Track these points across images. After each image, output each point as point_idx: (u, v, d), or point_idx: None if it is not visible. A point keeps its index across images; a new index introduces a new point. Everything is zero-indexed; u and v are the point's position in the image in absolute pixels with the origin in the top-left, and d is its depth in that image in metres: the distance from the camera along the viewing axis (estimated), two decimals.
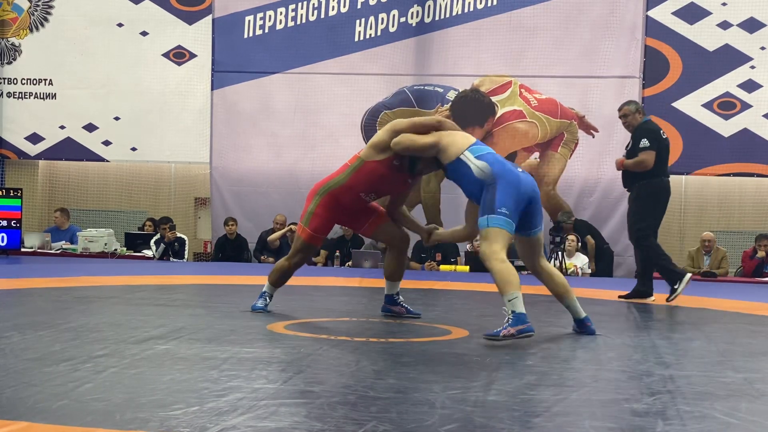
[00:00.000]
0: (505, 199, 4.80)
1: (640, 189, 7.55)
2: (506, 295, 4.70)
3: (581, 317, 5.18)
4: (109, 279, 8.11)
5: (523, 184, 4.89)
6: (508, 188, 4.83)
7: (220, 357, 4.08)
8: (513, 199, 4.82)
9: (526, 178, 4.95)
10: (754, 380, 3.89)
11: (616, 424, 3.00)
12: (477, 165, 4.93)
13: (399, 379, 3.72)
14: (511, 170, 4.93)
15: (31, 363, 3.81)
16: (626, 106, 7.75)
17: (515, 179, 4.88)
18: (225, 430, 2.77)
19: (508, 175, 4.88)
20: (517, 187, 4.85)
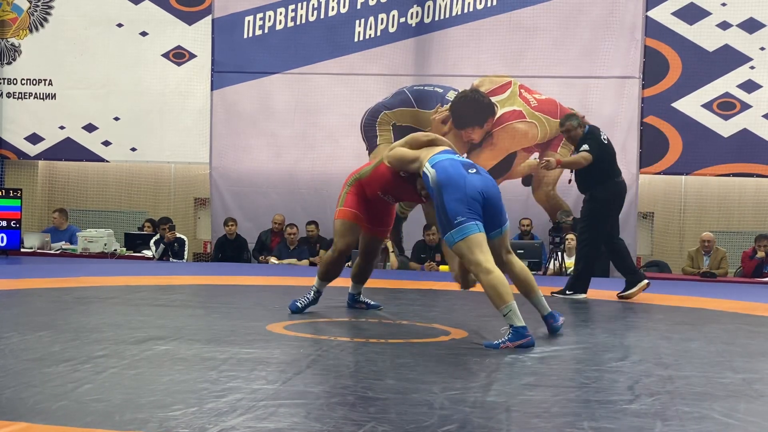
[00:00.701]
0: (454, 206, 4.75)
1: (595, 192, 7.71)
2: (500, 309, 4.66)
3: (545, 313, 5.20)
4: (108, 279, 8.11)
5: (469, 186, 4.79)
6: (453, 194, 4.77)
7: (220, 357, 4.08)
8: (463, 204, 4.75)
9: (474, 180, 4.84)
10: (753, 381, 3.90)
11: (614, 425, 3.00)
12: (430, 174, 4.95)
13: (398, 379, 3.72)
14: (454, 175, 4.84)
15: (30, 363, 3.81)
16: (568, 121, 7.80)
17: (459, 182, 4.80)
18: (224, 430, 2.77)
19: (452, 180, 4.81)
20: (462, 189, 4.77)
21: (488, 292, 4.67)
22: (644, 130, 12.37)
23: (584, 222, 7.80)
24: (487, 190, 4.86)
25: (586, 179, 7.73)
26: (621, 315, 6.66)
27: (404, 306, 6.63)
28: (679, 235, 12.63)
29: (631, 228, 12.23)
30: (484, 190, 4.83)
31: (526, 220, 12.15)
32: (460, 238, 4.72)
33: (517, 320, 4.63)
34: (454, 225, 4.73)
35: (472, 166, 5.00)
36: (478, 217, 4.77)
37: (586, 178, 7.72)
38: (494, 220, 4.92)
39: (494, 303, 4.68)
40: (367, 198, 5.73)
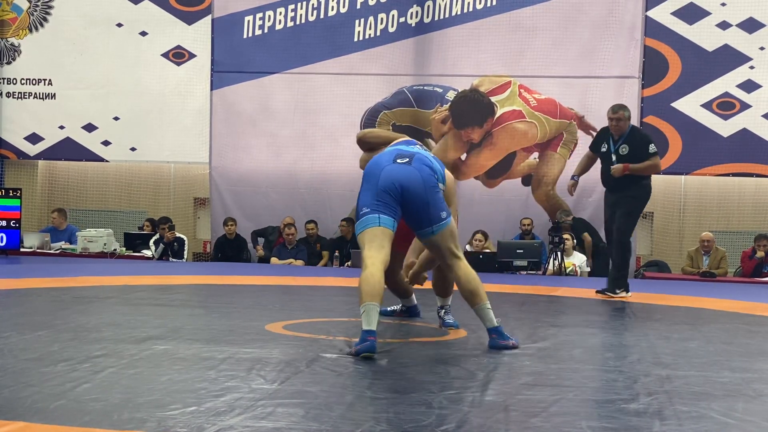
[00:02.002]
0: (363, 197, 4.51)
1: (638, 190, 7.77)
2: (360, 306, 4.28)
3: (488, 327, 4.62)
4: (108, 279, 8.11)
5: (383, 177, 4.47)
6: (366, 184, 4.54)
7: (218, 357, 4.08)
8: (371, 195, 4.46)
9: (393, 170, 4.49)
10: (752, 380, 3.90)
11: (613, 425, 3.00)
12: None
13: (396, 379, 3.72)
14: (375, 165, 4.56)
15: (29, 363, 3.81)
16: (622, 110, 7.82)
17: (375, 172, 4.51)
18: (222, 430, 2.77)
19: (370, 170, 4.56)
20: (375, 179, 4.49)
21: (360, 285, 4.30)
22: (644, 130, 12.36)
23: (626, 221, 7.78)
24: (407, 182, 4.46)
25: (623, 178, 7.69)
26: (620, 315, 6.66)
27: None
28: (679, 235, 12.63)
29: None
30: (401, 182, 4.45)
31: (527, 219, 12.15)
32: (360, 230, 4.47)
33: (365, 323, 4.23)
34: (359, 216, 4.49)
35: (409, 155, 4.58)
36: (385, 209, 4.43)
37: (623, 178, 7.69)
38: (419, 217, 4.53)
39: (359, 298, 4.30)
40: None
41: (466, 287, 4.60)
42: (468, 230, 11.61)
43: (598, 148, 7.98)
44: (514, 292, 8.10)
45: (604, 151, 7.88)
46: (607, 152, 7.85)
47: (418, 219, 4.54)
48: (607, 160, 7.83)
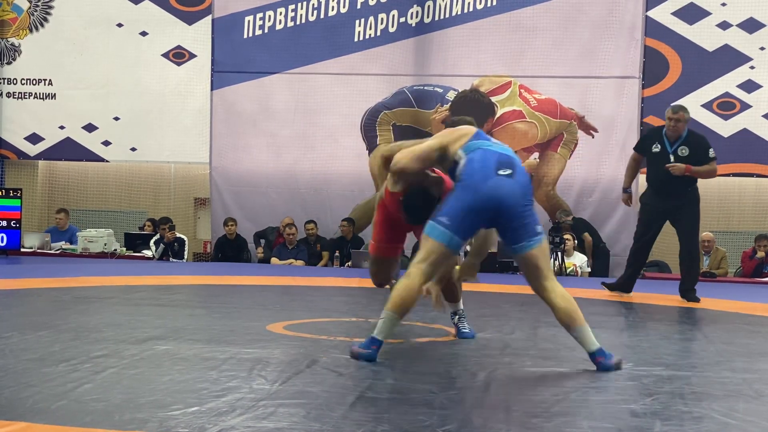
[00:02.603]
0: (452, 206, 4.09)
1: (695, 194, 7.60)
2: (385, 311, 4.14)
3: (590, 350, 4.13)
4: (108, 279, 8.11)
5: (483, 195, 4.06)
6: (462, 195, 4.10)
7: (220, 357, 4.08)
8: (460, 206, 4.08)
9: (494, 188, 4.07)
10: (753, 381, 3.90)
11: (614, 425, 3.00)
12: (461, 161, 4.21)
13: (397, 379, 3.73)
14: (480, 169, 4.11)
15: (30, 363, 3.81)
16: (682, 111, 7.51)
17: (478, 183, 4.08)
18: (224, 430, 2.77)
19: (472, 175, 4.11)
20: (472, 193, 4.08)
21: (394, 292, 4.17)
22: (644, 130, 12.35)
23: (696, 229, 7.77)
24: (507, 199, 4.07)
25: (685, 180, 7.50)
26: (621, 315, 6.66)
27: None
28: None
29: (630, 228, 12.21)
30: (500, 200, 4.07)
31: None
32: (429, 235, 4.12)
33: (380, 333, 4.11)
34: (437, 220, 4.10)
35: (510, 164, 4.17)
36: (463, 233, 4.14)
37: (684, 180, 7.50)
38: (513, 236, 4.17)
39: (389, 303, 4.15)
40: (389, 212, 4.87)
41: (565, 310, 4.12)
42: None
43: (647, 149, 7.64)
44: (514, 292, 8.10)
45: (657, 151, 7.53)
46: (661, 153, 7.50)
47: (513, 234, 4.17)
48: (663, 161, 7.46)
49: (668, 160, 7.44)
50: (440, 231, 4.08)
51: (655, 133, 7.73)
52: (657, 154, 7.53)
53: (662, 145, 7.52)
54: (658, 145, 7.54)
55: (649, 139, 7.73)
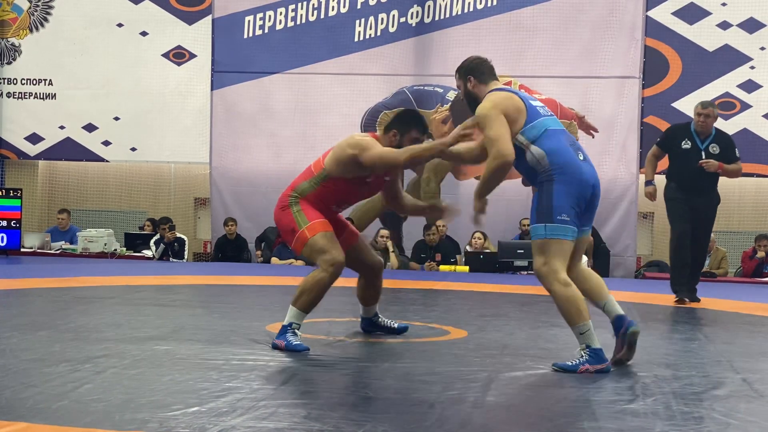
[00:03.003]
0: (565, 200, 4.13)
1: (717, 195, 7.44)
2: (576, 327, 4.10)
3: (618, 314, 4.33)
4: (108, 279, 8.11)
5: (585, 180, 4.18)
6: (568, 187, 4.15)
7: (220, 358, 4.08)
8: (574, 199, 4.14)
9: (589, 171, 4.23)
10: (753, 381, 3.90)
11: (615, 425, 3.00)
12: (535, 153, 4.23)
13: (398, 379, 3.72)
14: (571, 161, 4.19)
15: (30, 363, 3.81)
16: (711, 107, 7.36)
17: (577, 173, 4.17)
18: (224, 430, 2.77)
19: (569, 168, 4.17)
20: (579, 184, 4.17)
21: (563, 306, 4.10)
22: (644, 130, 12.37)
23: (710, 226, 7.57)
24: (597, 186, 4.26)
25: (713, 179, 7.35)
26: None
27: (404, 306, 6.63)
28: None
29: (631, 228, 12.23)
30: (595, 186, 4.24)
31: (526, 220, 12.14)
32: (554, 236, 4.12)
33: (594, 341, 4.09)
34: (555, 219, 4.12)
35: (576, 145, 4.35)
36: (578, 220, 4.18)
37: (712, 178, 7.35)
38: (587, 216, 4.29)
39: (569, 320, 4.11)
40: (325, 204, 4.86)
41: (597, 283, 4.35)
42: (468, 229, 11.62)
43: (672, 146, 7.42)
44: (515, 292, 8.10)
45: (687, 147, 7.31)
46: (692, 149, 7.30)
47: (586, 218, 4.28)
48: (693, 157, 7.27)
49: (700, 157, 7.23)
50: (566, 228, 4.14)
51: (682, 129, 7.50)
52: (687, 150, 7.31)
53: (693, 141, 7.32)
54: (688, 141, 7.32)
55: (676, 135, 7.46)
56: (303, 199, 4.80)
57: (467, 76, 4.53)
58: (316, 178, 4.81)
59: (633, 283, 10.58)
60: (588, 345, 4.06)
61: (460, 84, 4.58)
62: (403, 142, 4.72)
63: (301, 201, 4.80)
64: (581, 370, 3.99)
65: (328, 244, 4.69)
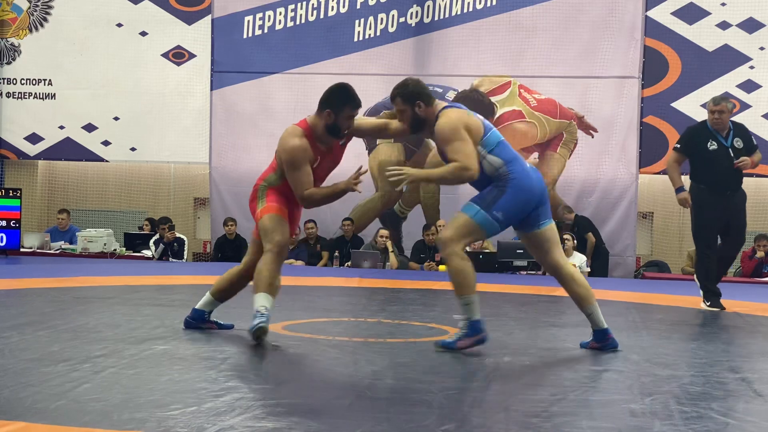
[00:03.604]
0: (508, 205, 4.40)
1: (744, 192, 7.26)
2: (462, 298, 4.38)
3: (601, 328, 4.62)
4: (108, 279, 8.11)
5: (534, 188, 4.46)
6: (517, 196, 4.41)
7: (218, 357, 4.08)
8: (519, 206, 4.43)
9: (537, 178, 4.52)
10: (752, 381, 3.90)
11: (613, 425, 3.00)
12: (493, 163, 4.45)
13: (397, 379, 3.73)
14: (525, 171, 4.48)
15: (29, 363, 3.81)
16: (724, 102, 7.14)
17: (528, 183, 4.44)
18: (223, 430, 2.77)
19: (523, 178, 4.45)
20: (529, 192, 4.44)
21: (454, 276, 4.38)
22: (644, 130, 12.37)
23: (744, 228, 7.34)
24: (544, 194, 4.54)
25: (741, 173, 7.15)
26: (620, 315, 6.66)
27: (403, 306, 6.63)
28: (679, 235, 12.62)
29: (630, 228, 12.23)
30: (542, 195, 4.52)
31: None
32: (478, 220, 4.38)
33: (475, 313, 4.39)
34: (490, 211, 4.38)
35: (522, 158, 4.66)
36: (511, 223, 4.49)
37: (741, 173, 7.14)
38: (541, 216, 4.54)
39: (457, 290, 4.39)
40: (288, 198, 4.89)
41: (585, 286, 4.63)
42: None
43: (695, 149, 7.15)
44: (514, 292, 8.10)
45: (714, 148, 7.06)
46: (719, 149, 7.06)
47: (542, 214, 4.53)
48: (723, 157, 7.04)
49: (729, 156, 7.02)
50: (490, 223, 4.40)
51: (701, 130, 7.23)
52: (715, 151, 7.05)
53: (717, 141, 7.08)
54: (713, 142, 7.07)
55: (698, 138, 7.17)
56: (271, 188, 4.88)
57: (416, 101, 4.52)
58: (279, 173, 4.89)
59: (632, 283, 10.58)
60: (469, 317, 4.37)
61: (406, 109, 4.55)
62: (339, 120, 4.72)
63: (269, 189, 4.89)
64: (459, 345, 4.35)
65: (272, 225, 4.74)
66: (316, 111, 4.76)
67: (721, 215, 7.13)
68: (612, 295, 7.95)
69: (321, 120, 4.74)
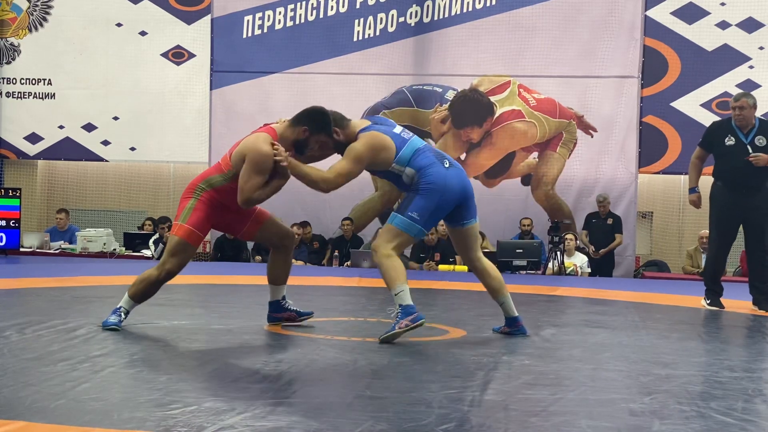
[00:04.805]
0: (422, 204, 4.70)
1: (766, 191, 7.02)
2: (393, 289, 4.68)
3: (513, 315, 5.02)
4: (107, 279, 8.11)
5: (450, 188, 4.72)
6: (429, 198, 4.70)
7: (218, 356, 4.08)
8: (433, 207, 4.71)
9: (455, 177, 4.75)
10: (751, 380, 3.90)
11: (612, 424, 3.00)
12: (407, 173, 4.78)
13: (396, 378, 3.73)
14: (439, 175, 4.72)
15: (29, 362, 3.81)
16: (745, 98, 7.00)
17: (441, 185, 4.70)
18: (222, 429, 2.77)
19: (437, 182, 4.70)
20: (443, 194, 4.71)
21: (383, 273, 4.71)
22: (643, 130, 12.38)
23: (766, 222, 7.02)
24: (465, 190, 4.80)
25: (757, 177, 6.96)
26: (619, 314, 6.66)
27: None
28: (678, 235, 12.64)
29: (630, 227, 12.24)
30: (462, 192, 4.78)
31: (526, 220, 12.15)
32: (397, 225, 4.73)
33: (406, 299, 4.67)
34: (405, 214, 4.72)
35: (442, 155, 4.89)
36: (430, 225, 4.80)
37: (762, 174, 6.95)
38: (464, 213, 4.86)
39: (388, 284, 4.71)
40: (223, 204, 4.86)
41: (495, 277, 4.98)
42: None
43: (715, 145, 7.11)
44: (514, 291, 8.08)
45: (730, 144, 6.98)
46: (737, 145, 6.96)
47: (464, 214, 4.85)
48: (740, 153, 6.94)
49: (746, 152, 6.92)
50: (408, 224, 4.73)
51: (723, 125, 7.17)
52: (731, 146, 6.98)
53: (735, 136, 6.99)
54: (731, 137, 7.00)
55: (718, 133, 7.13)
56: (209, 192, 4.84)
57: (333, 129, 4.75)
58: (227, 175, 4.82)
59: (632, 282, 10.59)
60: (400, 304, 4.65)
61: (326, 140, 4.78)
62: (310, 141, 4.78)
63: (204, 195, 4.84)
64: (399, 326, 4.60)
65: (176, 250, 4.81)
66: (290, 123, 4.75)
67: (736, 213, 6.99)
68: (611, 295, 7.95)
69: (293, 133, 4.76)
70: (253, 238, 5.19)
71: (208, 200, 4.84)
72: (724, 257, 7.20)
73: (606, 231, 11.83)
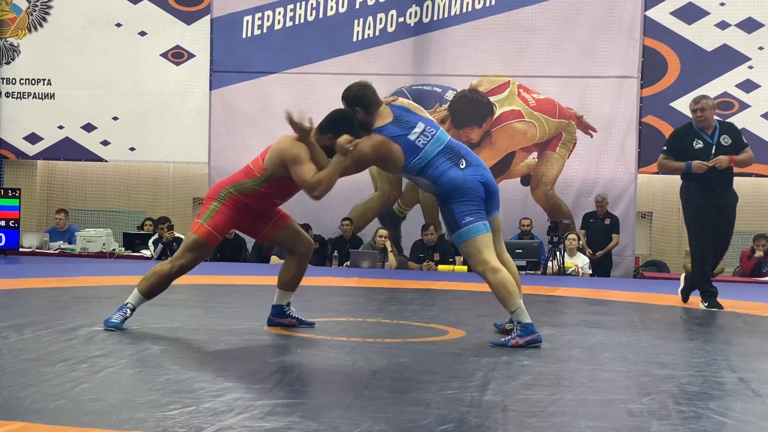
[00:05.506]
0: (462, 208, 4.68)
1: (734, 192, 7.15)
2: (508, 307, 4.65)
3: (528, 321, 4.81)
4: (107, 279, 8.11)
5: (472, 185, 4.70)
6: (460, 200, 4.69)
7: (217, 357, 4.08)
8: (472, 205, 4.70)
9: (473, 174, 4.73)
10: (750, 380, 3.90)
11: (611, 424, 3.00)
12: (421, 182, 4.82)
13: (395, 379, 3.73)
14: (456, 180, 4.70)
15: (28, 363, 3.81)
16: (704, 100, 7.08)
17: (464, 187, 4.69)
18: (221, 430, 2.77)
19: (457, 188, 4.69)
20: (469, 192, 4.69)
21: (494, 290, 4.65)
22: (643, 130, 12.38)
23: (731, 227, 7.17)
24: (488, 183, 4.79)
25: (732, 173, 7.09)
26: (619, 314, 6.66)
27: (402, 305, 6.63)
28: (678, 235, 12.63)
29: (629, 228, 12.24)
30: (486, 182, 4.77)
31: (526, 220, 12.15)
32: (467, 237, 4.67)
33: (524, 317, 4.65)
34: (461, 225, 4.68)
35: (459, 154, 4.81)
36: (483, 213, 4.73)
37: (732, 172, 7.08)
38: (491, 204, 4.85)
39: (502, 302, 4.66)
40: (249, 207, 4.96)
41: (516, 276, 4.90)
42: None
43: (682, 150, 7.15)
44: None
45: (700, 147, 7.06)
46: (706, 147, 7.05)
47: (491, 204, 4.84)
48: (708, 155, 7.02)
49: (711, 153, 7.02)
50: (471, 229, 4.68)
51: (686, 131, 7.26)
52: (701, 150, 7.06)
53: (702, 139, 7.09)
54: (699, 140, 7.09)
55: (684, 139, 7.21)
56: (236, 197, 4.93)
57: (357, 110, 4.81)
58: (260, 179, 4.95)
59: (631, 282, 10.59)
60: (519, 321, 4.64)
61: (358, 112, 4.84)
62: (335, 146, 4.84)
63: (229, 199, 4.92)
64: (511, 344, 4.59)
65: (192, 247, 4.89)
66: (317, 131, 4.85)
67: (712, 213, 7.07)
68: (611, 295, 7.95)
69: (321, 141, 4.87)
70: (270, 241, 5.23)
71: (233, 204, 4.91)
72: (709, 251, 7.17)
73: (603, 231, 11.85)
